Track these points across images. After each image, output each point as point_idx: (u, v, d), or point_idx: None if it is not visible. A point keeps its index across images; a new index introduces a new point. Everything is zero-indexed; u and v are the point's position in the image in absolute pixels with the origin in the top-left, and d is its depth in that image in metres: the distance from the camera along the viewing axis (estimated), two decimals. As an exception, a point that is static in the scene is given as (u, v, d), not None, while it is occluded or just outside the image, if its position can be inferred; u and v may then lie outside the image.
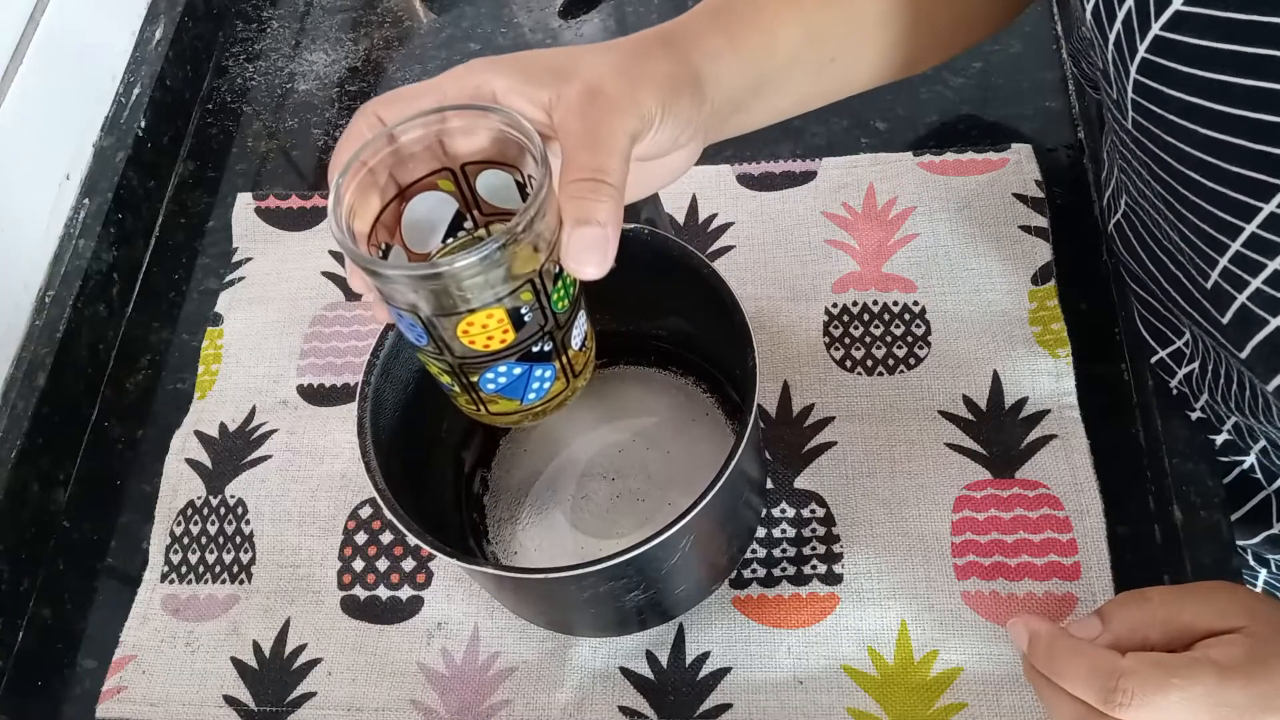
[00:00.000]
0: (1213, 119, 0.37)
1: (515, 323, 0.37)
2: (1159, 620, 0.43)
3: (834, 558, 0.55)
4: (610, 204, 0.35)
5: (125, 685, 0.57)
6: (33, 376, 0.64)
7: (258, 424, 0.64)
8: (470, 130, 0.38)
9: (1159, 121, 0.40)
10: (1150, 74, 0.39)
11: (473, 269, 0.34)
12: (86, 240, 0.69)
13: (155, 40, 0.78)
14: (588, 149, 0.36)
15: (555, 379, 0.41)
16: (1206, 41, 0.36)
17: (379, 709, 0.55)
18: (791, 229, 0.65)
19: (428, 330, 0.37)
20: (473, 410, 0.43)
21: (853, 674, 0.52)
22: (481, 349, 0.38)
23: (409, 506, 0.46)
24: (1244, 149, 0.36)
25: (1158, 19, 0.37)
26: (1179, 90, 0.38)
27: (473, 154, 0.39)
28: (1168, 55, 0.37)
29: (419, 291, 0.35)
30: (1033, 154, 0.65)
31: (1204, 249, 0.42)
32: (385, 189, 0.39)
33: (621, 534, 0.57)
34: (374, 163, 0.38)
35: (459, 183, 0.40)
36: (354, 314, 0.67)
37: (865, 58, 0.49)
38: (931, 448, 0.57)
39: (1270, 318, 0.40)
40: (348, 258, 0.35)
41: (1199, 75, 0.36)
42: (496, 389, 0.40)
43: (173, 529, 0.61)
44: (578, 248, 0.35)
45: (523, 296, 0.36)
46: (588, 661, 0.54)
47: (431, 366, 0.41)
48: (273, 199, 0.73)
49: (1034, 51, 0.71)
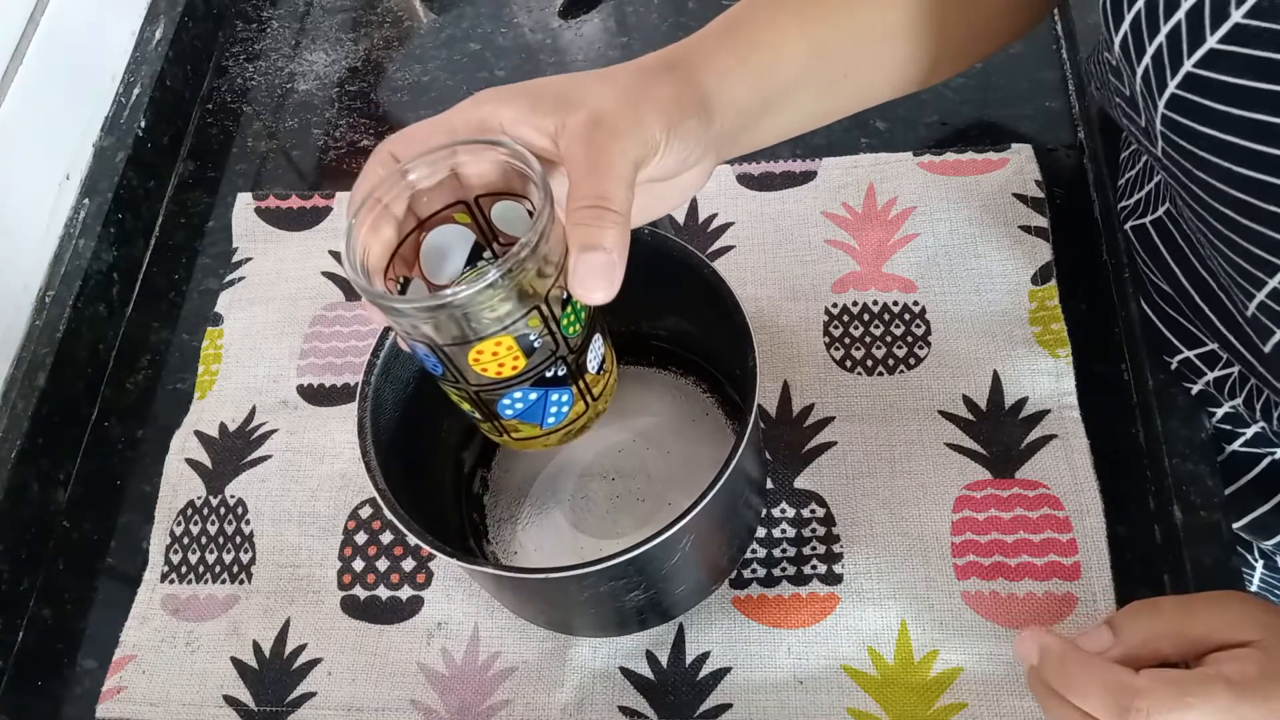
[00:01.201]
0: (1246, 157, 0.37)
1: (525, 349, 0.38)
2: (1171, 632, 0.43)
3: (834, 558, 0.55)
4: (615, 230, 0.36)
5: (125, 685, 0.57)
6: (33, 376, 0.64)
7: (258, 424, 0.64)
8: (478, 163, 0.39)
9: (1189, 156, 0.39)
10: (1180, 110, 0.38)
11: (476, 298, 0.35)
12: (86, 240, 0.69)
13: (155, 40, 0.78)
14: (592, 176, 0.36)
15: (573, 403, 0.42)
16: (1242, 80, 0.35)
17: (379, 709, 0.55)
18: (791, 229, 0.65)
19: (441, 360, 0.38)
20: (498, 437, 0.44)
21: (853, 674, 0.52)
22: (494, 376, 0.39)
23: (409, 506, 0.46)
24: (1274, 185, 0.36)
25: (1190, 56, 0.37)
26: (1210, 127, 0.37)
27: (484, 186, 0.40)
28: (1200, 92, 0.37)
29: (428, 323, 0.36)
30: (1033, 154, 0.65)
31: (1241, 282, 0.41)
32: (404, 223, 0.40)
33: (621, 534, 0.57)
34: (389, 199, 0.39)
35: (474, 215, 0.41)
36: (354, 314, 0.67)
37: (879, 74, 0.49)
38: (931, 448, 0.57)
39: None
40: (364, 297, 0.37)
41: (1232, 113, 0.36)
42: (515, 415, 0.41)
43: (173, 529, 0.61)
44: (584, 273, 0.36)
45: (530, 323, 0.37)
46: (588, 661, 0.54)
47: (452, 395, 0.42)
48: (273, 199, 0.73)
49: (1034, 51, 0.71)
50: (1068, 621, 0.52)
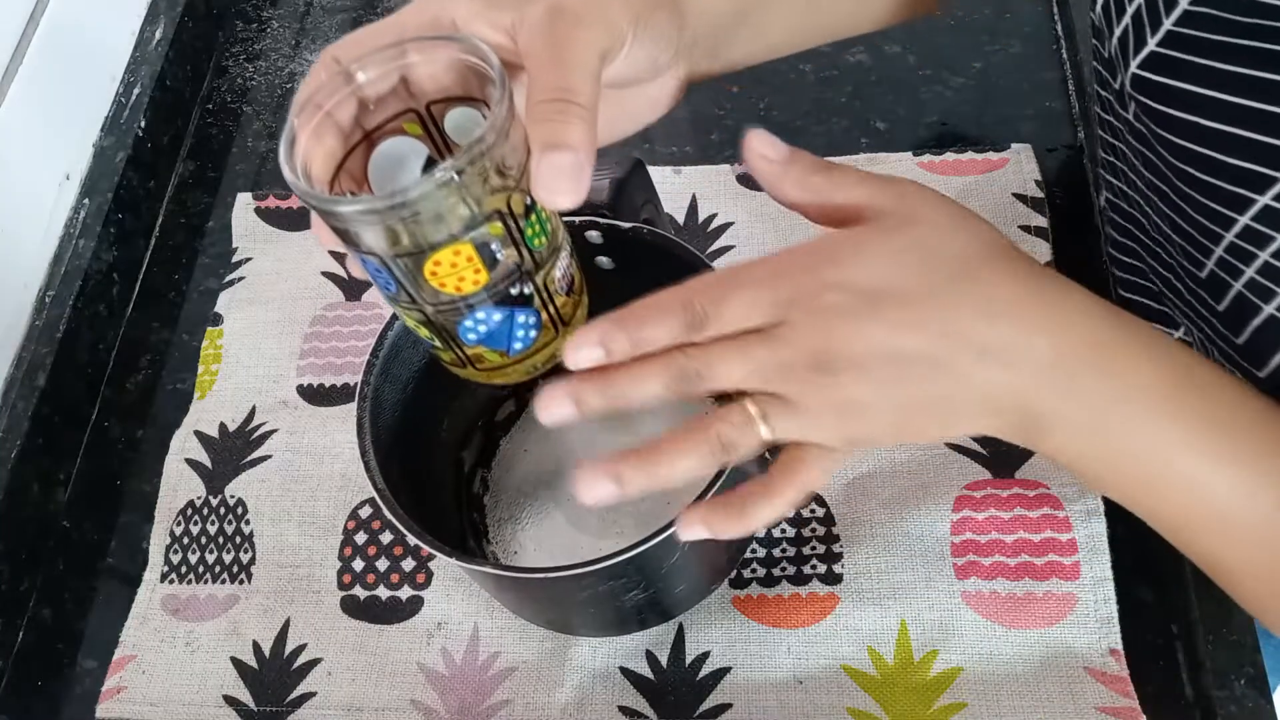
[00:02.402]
0: (1218, 110, 0.37)
1: (487, 261, 0.34)
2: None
3: (834, 557, 0.55)
4: (581, 125, 0.33)
5: (125, 685, 0.57)
6: (33, 376, 0.64)
7: (258, 424, 0.64)
8: (431, 64, 0.36)
9: (1158, 116, 0.40)
10: (1154, 68, 0.38)
11: (429, 197, 0.32)
12: (86, 240, 0.69)
13: (155, 40, 0.78)
14: (554, 69, 0.34)
15: (541, 327, 0.38)
16: (1216, 36, 0.35)
17: (379, 709, 0.55)
18: (791, 229, 0.65)
19: (394, 275, 0.35)
20: (460, 369, 0.40)
21: (853, 674, 0.52)
22: (454, 292, 0.35)
23: (409, 506, 0.46)
24: (1242, 139, 0.36)
25: (1169, 15, 0.37)
26: (1187, 82, 0.37)
27: (438, 91, 0.37)
28: (1178, 48, 0.37)
29: (377, 229, 0.33)
30: (1033, 154, 0.65)
31: (1199, 239, 0.41)
32: (350, 136, 0.36)
33: (621, 534, 0.57)
34: (331, 105, 0.35)
35: (426, 124, 0.38)
36: (354, 314, 0.67)
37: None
38: (931, 448, 0.57)
39: (1264, 305, 0.40)
40: (303, 202, 0.33)
41: (1212, 66, 0.36)
42: (478, 339, 0.37)
43: (173, 529, 0.61)
44: (548, 175, 0.33)
45: (491, 230, 0.34)
46: (587, 661, 0.54)
47: (409, 319, 0.38)
48: (273, 199, 0.73)
49: (1034, 51, 0.71)
50: (1067, 621, 0.52)
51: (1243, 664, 0.51)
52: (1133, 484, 0.37)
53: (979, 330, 0.34)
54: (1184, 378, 0.36)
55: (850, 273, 0.34)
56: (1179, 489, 0.36)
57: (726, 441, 0.35)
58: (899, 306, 0.34)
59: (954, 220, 0.36)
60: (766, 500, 0.37)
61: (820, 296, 0.33)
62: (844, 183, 0.35)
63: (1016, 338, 0.34)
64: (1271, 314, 0.39)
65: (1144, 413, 0.35)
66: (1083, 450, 0.36)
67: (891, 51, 0.73)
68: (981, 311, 0.34)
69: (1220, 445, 0.36)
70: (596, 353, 0.35)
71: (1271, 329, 0.40)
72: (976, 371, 0.34)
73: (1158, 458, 0.36)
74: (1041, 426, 0.36)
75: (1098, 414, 0.35)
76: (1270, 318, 0.39)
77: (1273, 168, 0.36)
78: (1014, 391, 0.35)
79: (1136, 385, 0.35)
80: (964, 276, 0.34)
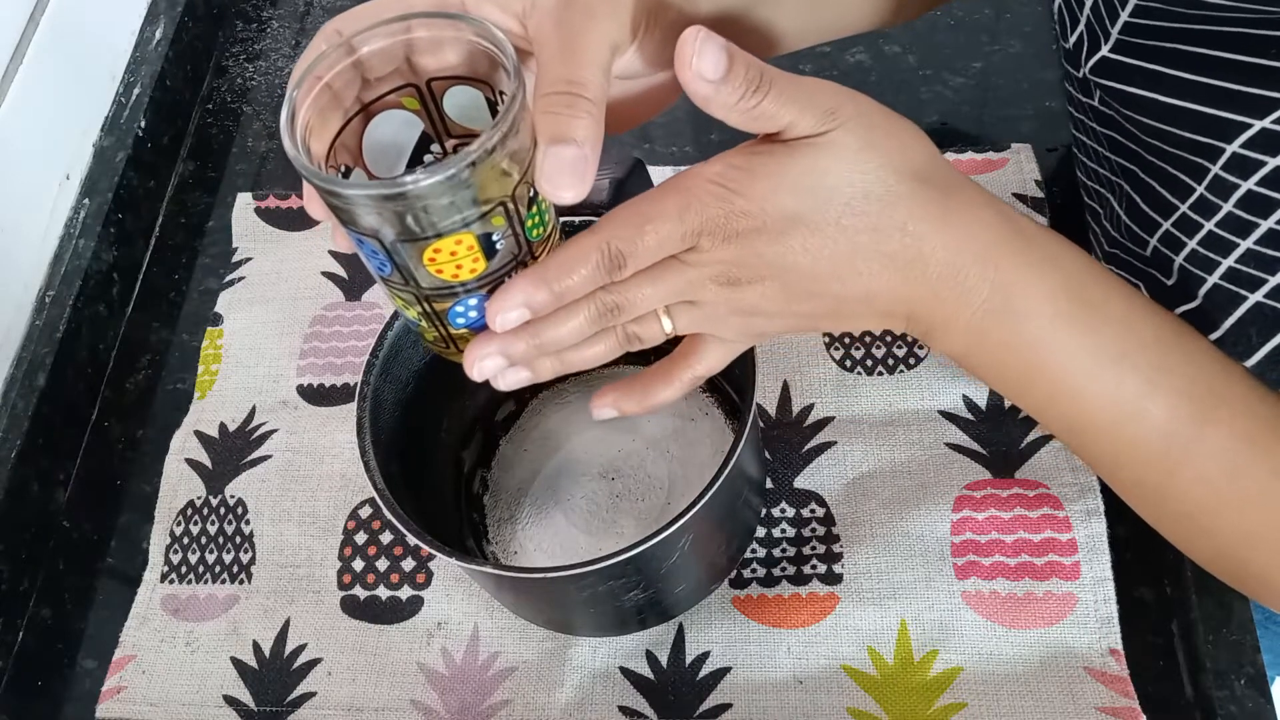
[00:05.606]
0: (1180, 88, 0.38)
1: (486, 251, 0.34)
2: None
3: (834, 557, 0.55)
4: (588, 120, 0.33)
5: (125, 685, 0.57)
6: (33, 376, 0.65)
7: (258, 424, 0.64)
8: (437, 42, 0.35)
9: (1123, 97, 0.41)
10: (1122, 51, 0.40)
11: (439, 188, 0.31)
12: (86, 240, 0.69)
13: (155, 40, 0.78)
14: (563, 59, 0.33)
15: None
16: (1174, 25, 0.37)
17: (379, 709, 0.55)
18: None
19: (391, 258, 0.34)
20: (442, 349, 0.40)
21: (853, 674, 0.52)
22: (450, 279, 0.35)
23: (409, 506, 0.46)
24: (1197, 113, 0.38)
25: (1124, 6, 0.39)
26: (1151, 62, 0.39)
27: (440, 68, 0.36)
28: (1140, 35, 0.39)
29: (381, 214, 0.32)
30: (1032, 154, 0.65)
31: (1154, 216, 0.43)
32: (348, 108, 0.36)
33: (621, 534, 0.57)
34: (331, 77, 0.35)
35: (425, 100, 0.37)
36: (354, 314, 0.67)
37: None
38: (931, 448, 0.57)
39: (1207, 276, 0.41)
40: (304, 178, 0.33)
41: (1176, 49, 0.38)
42: (467, 324, 0.37)
43: (173, 529, 0.62)
44: (553, 169, 0.32)
45: (494, 221, 0.34)
46: (588, 661, 0.54)
47: (396, 299, 0.38)
48: (273, 199, 0.73)
49: (1034, 51, 0.71)
50: (1067, 621, 0.52)
51: (1243, 664, 0.51)
52: (1018, 383, 0.39)
53: (878, 250, 0.36)
54: (1077, 290, 0.38)
55: (759, 203, 0.35)
56: (1065, 393, 0.39)
57: (632, 334, 0.38)
58: (805, 234, 0.35)
59: (872, 141, 0.36)
60: (665, 383, 0.41)
61: (729, 223, 0.35)
62: (768, 111, 0.35)
63: (910, 254, 0.36)
64: (1216, 283, 0.41)
65: (1033, 318, 0.37)
66: (969, 349, 0.39)
67: (891, 51, 0.73)
68: (882, 233, 0.36)
69: (1107, 349, 0.38)
70: (521, 313, 0.36)
71: (1220, 294, 0.41)
72: (873, 285, 0.37)
73: (1046, 359, 0.38)
74: (932, 333, 0.39)
75: (984, 317, 0.37)
76: (1215, 285, 0.41)
77: (1221, 139, 0.38)
78: (905, 300, 0.37)
79: (1028, 295, 0.37)
80: (869, 199, 0.36)
